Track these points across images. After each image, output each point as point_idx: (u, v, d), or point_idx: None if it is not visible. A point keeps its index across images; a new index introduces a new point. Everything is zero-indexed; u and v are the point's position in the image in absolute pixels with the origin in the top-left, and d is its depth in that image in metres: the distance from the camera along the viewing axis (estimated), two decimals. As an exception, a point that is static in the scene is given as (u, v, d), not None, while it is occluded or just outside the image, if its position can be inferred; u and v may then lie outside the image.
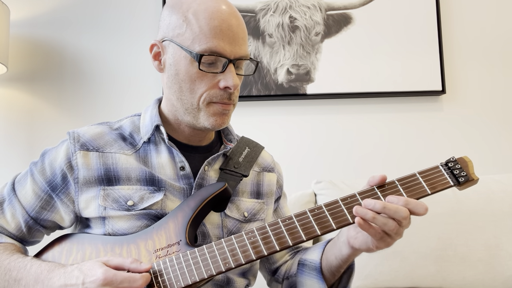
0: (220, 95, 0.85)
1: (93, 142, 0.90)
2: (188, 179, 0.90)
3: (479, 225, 1.43)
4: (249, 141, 1.04)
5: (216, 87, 0.85)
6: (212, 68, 0.84)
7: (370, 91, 1.78)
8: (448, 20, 1.84)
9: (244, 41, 0.87)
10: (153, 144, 0.92)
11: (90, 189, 0.87)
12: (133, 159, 0.90)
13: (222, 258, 0.77)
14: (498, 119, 1.82)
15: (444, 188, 0.79)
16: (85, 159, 0.88)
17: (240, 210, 0.94)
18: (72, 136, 0.91)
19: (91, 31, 1.83)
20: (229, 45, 0.83)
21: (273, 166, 1.07)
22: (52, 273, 0.77)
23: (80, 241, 0.87)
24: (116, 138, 0.92)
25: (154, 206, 0.86)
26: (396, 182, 0.79)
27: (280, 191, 1.08)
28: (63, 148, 0.90)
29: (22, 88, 1.81)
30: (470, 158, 0.81)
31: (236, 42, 0.84)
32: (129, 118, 0.98)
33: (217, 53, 0.83)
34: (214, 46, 0.82)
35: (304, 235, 0.77)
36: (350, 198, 0.78)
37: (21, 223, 0.89)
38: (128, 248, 0.83)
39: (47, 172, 0.89)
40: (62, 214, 0.90)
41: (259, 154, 1.03)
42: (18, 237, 0.91)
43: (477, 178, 0.79)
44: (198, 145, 0.95)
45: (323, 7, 1.80)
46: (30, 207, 0.89)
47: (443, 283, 1.41)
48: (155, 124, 0.91)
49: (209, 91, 0.85)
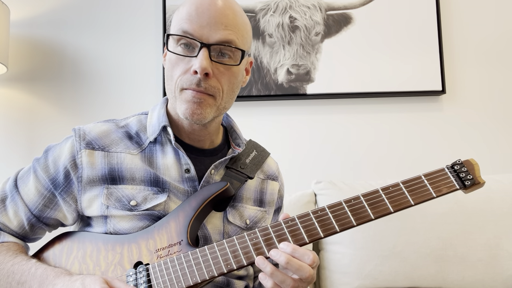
0: (190, 80, 0.82)
1: (99, 140, 0.88)
2: (192, 182, 0.89)
3: (479, 225, 1.43)
4: (257, 144, 1.03)
5: (189, 72, 0.82)
6: (188, 52, 0.83)
7: (370, 91, 1.77)
8: (448, 20, 1.84)
9: (227, 27, 0.82)
10: (159, 144, 0.91)
11: (94, 188, 0.86)
12: (138, 159, 0.88)
13: (224, 259, 0.76)
14: (498, 119, 1.82)
15: (449, 191, 0.77)
16: (90, 158, 0.86)
17: (242, 218, 0.93)
18: (78, 133, 0.89)
19: (91, 31, 1.83)
20: (203, 28, 0.81)
21: (277, 175, 1.06)
22: (57, 279, 0.76)
23: (81, 240, 0.86)
24: (122, 136, 0.90)
25: (157, 207, 0.85)
26: (400, 185, 0.78)
27: (281, 201, 1.07)
28: (68, 145, 0.88)
29: (22, 88, 1.81)
30: (476, 161, 0.79)
31: (212, 26, 0.81)
32: (136, 117, 0.96)
33: (186, 34, 0.81)
34: (184, 28, 0.82)
35: (307, 237, 0.76)
36: (354, 200, 0.77)
37: (23, 221, 0.89)
38: (129, 248, 0.82)
39: (51, 169, 0.88)
40: (65, 212, 0.89)
41: (265, 160, 1.02)
42: (20, 235, 0.90)
43: (484, 182, 0.77)
44: (205, 148, 0.94)
45: (323, 7, 1.80)
46: (33, 205, 0.88)
47: (443, 283, 1.41)
48: (162, 125, 0.89)
49: (182, 76, 0.83)
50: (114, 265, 0.81)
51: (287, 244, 0.74)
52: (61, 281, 0.76)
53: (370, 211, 0.76)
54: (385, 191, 0.78)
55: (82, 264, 0.83)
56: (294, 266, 0.72)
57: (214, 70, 0.82)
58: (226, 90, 0.85)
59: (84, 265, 0.83)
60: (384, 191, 0.78)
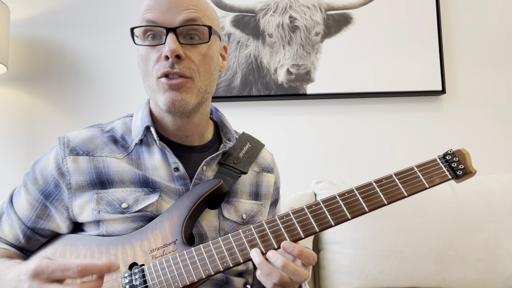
0: (163, 66, 0.80)
1: (83, 146, 0.88)
2: (183, 180, 0.87)
3: (479, 225, 1.43)
4: (250, 137, 1.02)
5: (161, 60, 0.81)
6: (156, 41, 0.82)
7: (370, 91, 1.78)
8: (448, 20, 1.84)
9: (188, 7, 0.82)
10: (146, 145, 0.89)
11: (84, 194, 0.85)
12: (125, 163, 0.87)
13: (220, 257, 0.76)
14: (498, 119, 1.82)
15: (442, 181, 0.77)
16: (75, 163, 0.86)
17: (238, 212, 0.92)
18: (62, 141, 0.88)
19: (91, 31, 1.83)
20: (164, 13, 0.81)
21: (273, 166, 1.04)
22: (9, 269, 0.75)
23: (74, 242, 0.85)
24: (107, 141, 0.89)
25: (149, 207, 0.84)
26: (393, 176, 0.78)
27: (277, 193, 1.06)
28: (52, 155, 0.88)
29: (22, 88, 1.81)
30: (467, 150, 0.79)
31: (173, 9, 0.81)
32: (121, 120, 0.95)
33: (149, 22, 0.81)
34: (146, 17, 0.81)
35: (302, 232, 0.76)
36: (348, 194, 0.77)
37: (19, 233, 0.88)
38: (123, 249, 0.81)
39: (39, 181, 0.88)
40: (58, 222, 0.88)
41: (260, 152, 1.00)
42: (18, 246, 0.90)
43: (475, 171, 0.78)
44: (194, 145, 0.92)
45: (323, 7, 1.80)
46: (26, 218, 0.88)
47: (443, 283, 1.41)
48: (145, 125, 0.88)
49: (156, 65, 0.82)
50: None
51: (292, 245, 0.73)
52: (12, 270, 0.74)
53: (364, 204, 0.76)
54: (378, 183, 0.78)
55: None
56: (290, 270, 0.72)
57: (186, 52, 0.81)
58: (202, 72, 0.84)
59: None
60: (378, 183, 0.78)
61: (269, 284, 0.73)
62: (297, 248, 0.73)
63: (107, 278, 0.79)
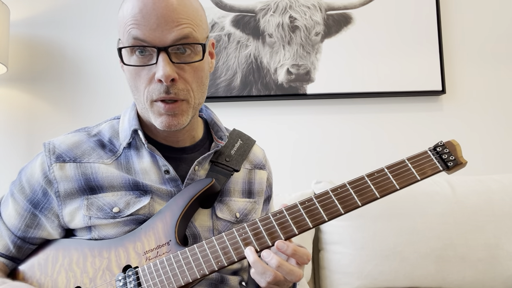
0: (157, 89, 0.77)
1: (69, 152, 0.85)
2: (175, 182, 0.85)
3: (479, 225, 1.43)
4: (241, 133, 1.00)
5: (154, 81, 0.77)
6: (145, 59, 0.77)
7: (370, 91, 1.78)
8: (448, 20, 1.84)
9: (179, 22, 0.76)
10: (134, 149, 0.87)
11: (73, 200, 0.83)
12: (113, 168, 0.85)
13: (214, 257, 0.75)
14: (498, 119, 1.82)
15: (433, 173, 0.77)
16: (62, 171, 0.83)
17: (232, 211, 0.90)
18: (47, 148, 0.86)
19: (91, 31, 1.83)
20: (154, 31, 0.75)
21: (264, 163, 1.02)
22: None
23: (66, 247, 0.84)
24: (95, 146, 0.87)
25: (141, 210, 0.82)
26: (385, 170, 0.78)
27: (270, 190, 1.04)
28: (38, 163, 0.86)
29: (22, 88, 1.81)
30: (458, 142, 0.80)
31: (164, 26, 0.75)
32: (108, 122, 0.92)
33: (138, 41, 0.75)
34: (134, 34, 0.75)
35: (296, 228, 0.75)
36: (340, 188, 0.77)
37: (9, 244, 0.86)
38: (116, 252, 0.80)
39: (26, 190, 0.85)
40: (49, 230, 0.86)
41: (251, 148, 0.99)
42: (9, 256, 0.87)
43: (466, 162, 0.78)
44: (184, 146, 0.90)
45: (323, 7, 1.80)
46: (15, 228, 0.86)
47: (443, 283, 1.41)
48: (132, 129, 0.86)
49: (148, 87, 0.78)
50: (102, 270, 0.79)
51: (286, 244, 0.73)
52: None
53: (356, 198, 0.76)
54: (370, 177, 0.78)
55: (69, 271, 0.81)
56: (285, 270, 0.72)
57: (179, 72, 0.77)
58: (195, 88, 0.81)
59: (71, 273, 0.80)
60: (369, 177, 0.78)
61: (263, 282, 0.73)
62: (291, 247, 0.72)
63: (101, 282, 0.78)
